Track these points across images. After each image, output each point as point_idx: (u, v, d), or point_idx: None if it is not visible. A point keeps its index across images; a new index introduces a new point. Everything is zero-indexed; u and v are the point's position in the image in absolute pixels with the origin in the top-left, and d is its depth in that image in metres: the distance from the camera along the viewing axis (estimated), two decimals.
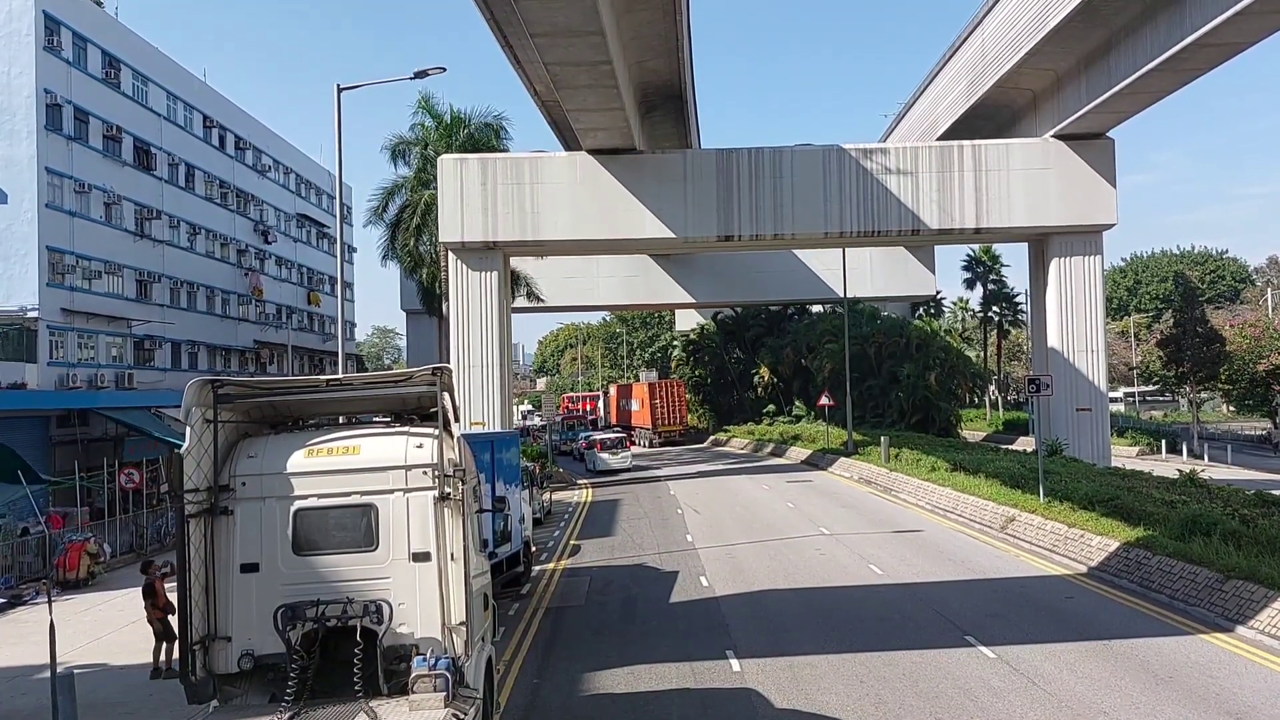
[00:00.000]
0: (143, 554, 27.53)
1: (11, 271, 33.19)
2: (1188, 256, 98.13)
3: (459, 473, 9.57)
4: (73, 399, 33.77)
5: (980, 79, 36.89)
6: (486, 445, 18.67)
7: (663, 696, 12.86)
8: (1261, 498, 21.29)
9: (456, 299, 36.73)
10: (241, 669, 9.46)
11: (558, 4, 23.23)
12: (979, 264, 67.18)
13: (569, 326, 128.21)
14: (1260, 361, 52.69)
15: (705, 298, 63.68)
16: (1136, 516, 20.65)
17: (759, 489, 36.47)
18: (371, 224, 44.79)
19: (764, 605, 17.80)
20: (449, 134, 41.42)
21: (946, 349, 56.60)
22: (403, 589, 9.50)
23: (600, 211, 36.35)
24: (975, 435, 56.34)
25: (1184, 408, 74.43)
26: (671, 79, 34.28)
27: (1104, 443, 37.17)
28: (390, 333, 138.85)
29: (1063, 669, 13.22)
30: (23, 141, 33.37)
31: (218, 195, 47.86)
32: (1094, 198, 36.32)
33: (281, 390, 10.67)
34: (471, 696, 9.37)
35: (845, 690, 12.69)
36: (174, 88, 43.84)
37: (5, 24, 33.31)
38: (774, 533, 25.94)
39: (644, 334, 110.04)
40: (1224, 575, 15.81)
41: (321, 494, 9.66)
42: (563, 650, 15.39)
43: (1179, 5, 27.17)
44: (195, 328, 45.01)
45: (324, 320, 61.20)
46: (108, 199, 37.67)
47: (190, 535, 9.33)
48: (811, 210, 36.43)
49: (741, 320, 69.23)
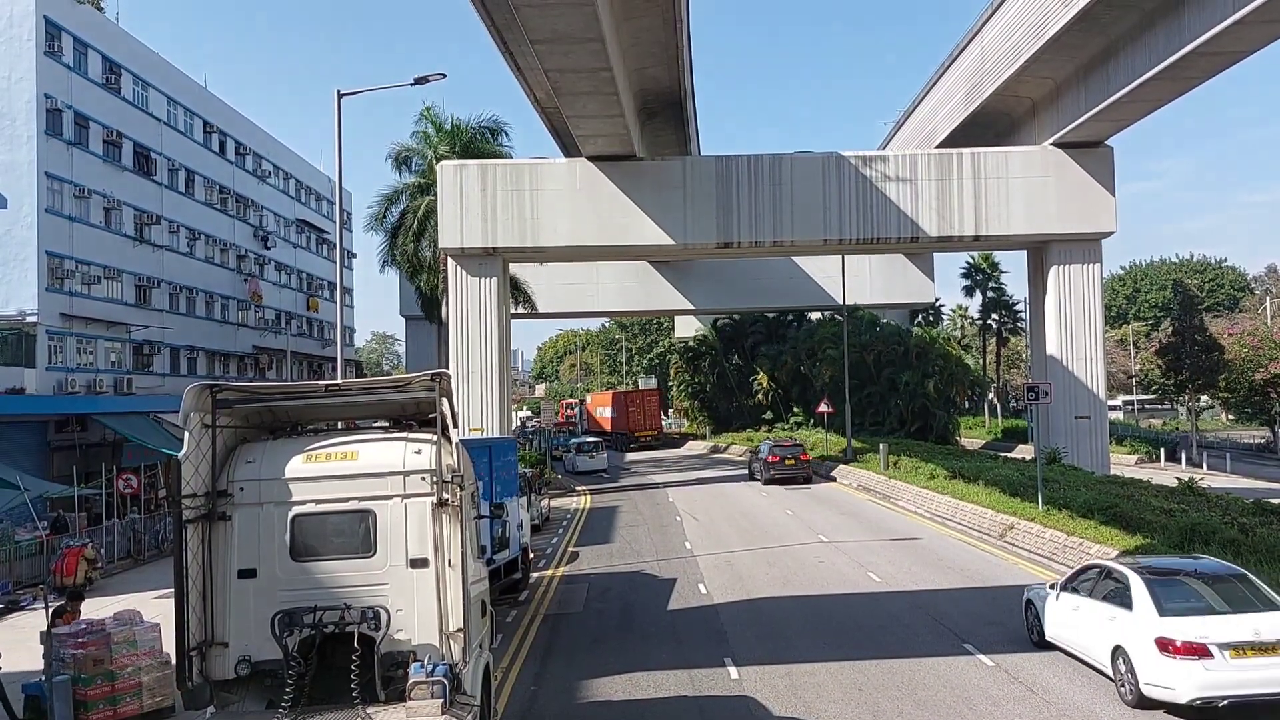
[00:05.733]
0: (140, 559, 27.52)
1: (11, 276, 33.21)
2: (1187, 265, 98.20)
3: (457, 479, 9.55)
4: (71, 404, 33.74)
5: (979, 87, 36.98)
6: (485, 451, 18.64)
7: (661, 704, 12.84)
8: (1260, 506, 21.31)
9: (456, 305, 36.74)
10: (238, 675, 9.45)
11: (557, 11, 23.28)
12: (978, 271, 67.23)
13: (568, 333, 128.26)
14: (1259, 370, 52.69)
15: (704, 304, 63.78)
16: (1135, 525, 20.65)
17: (757, 496, 36.43)
18: (371, 229, 44.87)
19: (762, 613, 17.78)
20: (451, 140, 41.48)
21: (945, 356, 56.62)
22: (400, 595, 9.49)
23: (600, 218, 36.39)
24: (974, 443, 56.30)
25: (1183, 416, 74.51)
26: (671, 86, 34.35)
27: (1103, 451, 37.16)
28: (390, 338, 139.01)
29: (1061, 678, 13.20)
30: (23, 146, 33.41)
31: (217, 200, 47.92)
32: (1093, 206, 36.37)
33: (280, 395, 10.66)
34: (469, 703, 9.36)
35: (843, 698, 12.67)
36: (174, 93, 43.93)
37: (6, 29, 33.37)
38: (772, 540, 25.91)
39: (643, 340, 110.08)
40: None
41: (319, 500, 9.65)
42: (560, 657, 15.36)
43: (1178, 14, 27.24)
44: (194, 333, 45.02)
45: (323, 326, 61.23)
46: (107, 204, 37.71)
47: (188, 541, 9.33)
48: (811, 217, 36.47)
49: (740, 327, 69.29)
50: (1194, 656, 11.04)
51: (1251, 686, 11.00)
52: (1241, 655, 11.02)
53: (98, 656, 12.36)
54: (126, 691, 12.47)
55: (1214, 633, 11.17)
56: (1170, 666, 11.19)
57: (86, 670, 12.27)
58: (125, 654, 12.55)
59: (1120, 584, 12.60)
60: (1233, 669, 11.00)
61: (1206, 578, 12.47)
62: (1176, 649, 11.16)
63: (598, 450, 52.31)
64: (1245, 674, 11.00)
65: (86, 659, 12.29)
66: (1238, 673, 10.99)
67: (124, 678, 12.47)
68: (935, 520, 28.32)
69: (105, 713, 12.28)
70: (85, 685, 12.21)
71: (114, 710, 12.37)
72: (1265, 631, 11.12)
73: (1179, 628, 11.33)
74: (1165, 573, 12.72)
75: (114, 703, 12.38)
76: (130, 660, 12.60)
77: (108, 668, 12.39)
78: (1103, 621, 12.62)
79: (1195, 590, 12.19)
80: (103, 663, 12.37)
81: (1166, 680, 11.27)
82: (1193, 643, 11.10)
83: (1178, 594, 12.07)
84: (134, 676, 12.59)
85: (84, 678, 12.22)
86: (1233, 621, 11.34)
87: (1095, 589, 13.23)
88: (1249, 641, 11.07)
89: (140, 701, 12.60)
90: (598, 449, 52.54)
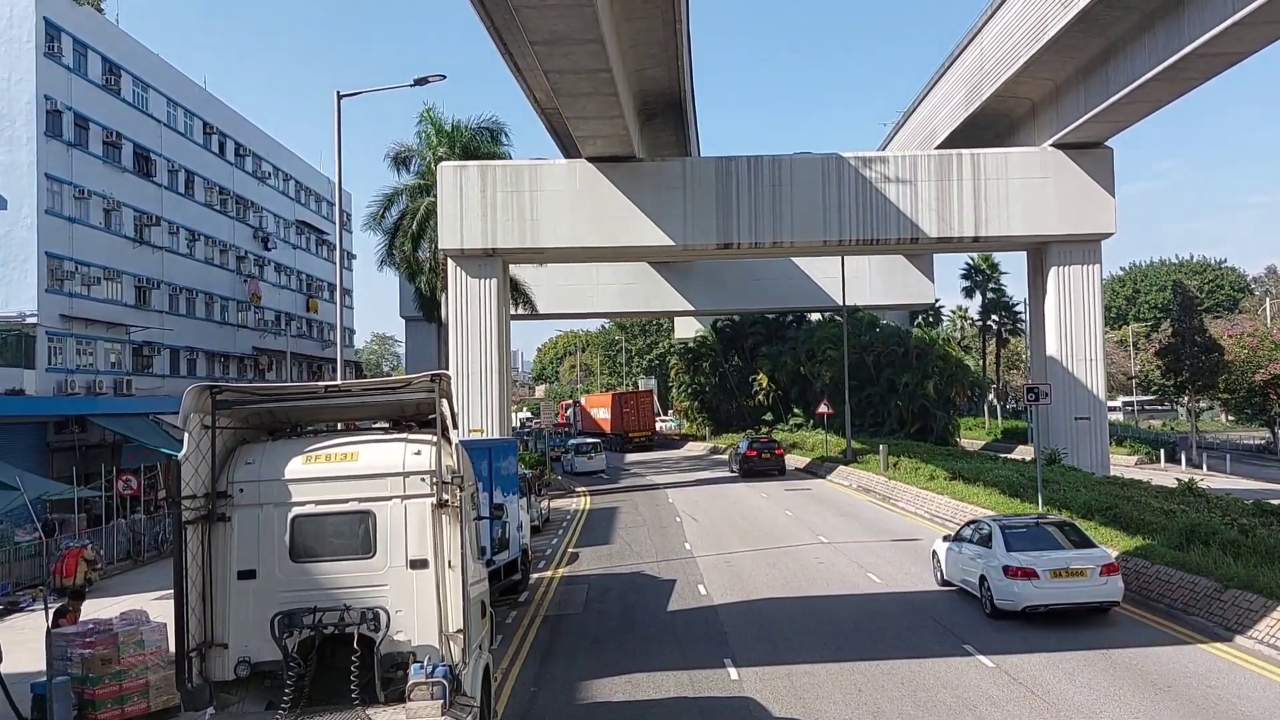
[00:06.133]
0: (140, 560, 27.51)
1: (10, 277, 33.19)
2: (1186, 266, 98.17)
3: (457, 480, 9.54)
4: (71, 405, 33.72)
5: (979, 88, 36.97)
6: (484, 453, 18.64)
7: (660, 705, 12.83)
8: (1260, 507, 21.30)
9: (455, 306, 36.73)
10: (238, 676, 9.44)
11: (557, 12, 23.27)
12: (978, 272, 67.23)
13: (568, 334, 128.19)
14: (1258, 371, 52.68)
15: (704, 305, 63.79)
16: (1135, 525, 20.63)
17: (758, 497, 36.43)
18: (369, 229, 44.84)
19: (762, 614, 17.78)
20: (451, 141, 41.48)
21: (945, 357, 56.61)
22: (400, 596, 9.48)
23: (600, 219, 36.38)
24: (974, 444, 56.30)
25: (1182, 417, 74.50)
26: (671, 87, 34.35)
27: (1102, 451, 37.13)
28: (389, 339, 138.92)
29: (1061, 678, 13.20)
30: (23, 147, 33.40)
31: (217, 202, 47.90)
32: (1093, 207, 36.36)
33: (280, 396, 10.66)
34: (469, 704, 9.35)
35: (843, 699, 12.67)
36: (174, 94, 43.92)
37: (6, 30, 33.36)
38: (772, 541, 25.91)
39: (643, 341, 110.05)
40: (1222, 585, 15.79)
41: (319, 501, 9.64)
42: (560, 658, 15.35)
43: (1177, 15, 27.23)
44: (194, 334, 45.01)
45: (323, 327, 61.22)
46: (107, 205, 37.70)
47: (188, 542, 9.32)
48: (810, 218, 36.46)
49: (740, 328, 69.30)
50: (1027, 579, 15.92)
51: (1063, 598, 15.96)
52: (1059, 578, 15.93)
53: (106, 656, 12.42)
54: (134, 691, 12.54)
55: (1041, 563, 15.99)
56: (1012, 586, 16.06)
57: (95, 670, 12.31)
58: (132, 653, 12.63)
59: (987, 533, 17.50)
60: (1051, 587, 15.89)
61: (1045, 526, 17.54)
62: (1016, 574, 16.00)
63: (596, 451, 52.37)
64: (1059, 590, 15.92)
65: (95, 658, 12.33)
66: (1054, 589, 15.90)
67: (131, 677, 12.55)
68: (935, 521, 28.27)
69: (113, 712, 12.33)
70: (94, 685, 12.26)
71: (121, 710, 12.43)
72: (1074, 563, 16.09)
73: (1019, 560, 16.16)
74: (1016, 525, 17.69)
75: (121, 702, 12.46)
76: (137, 660, 12.67)
77: (116, 667, 12.45)
78: (975, 559, 17.47)
79: (1034, 536, 17.01)
80: (111, 662, 12.43)
81: (1010, 595, 16.13)
82: (1026, 569, 15.96)
83: (1022, 538, 16.88)
84: (141, 676, 12.66)
85: (92, 677, 12.27)
86: (1055, 556, 16.23)
87: (972, 538, 18.09)
88: (1064, 569, 15.98)
89: (147, 701, 12.67)
90: (596, 450, 52.58)
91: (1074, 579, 15.88)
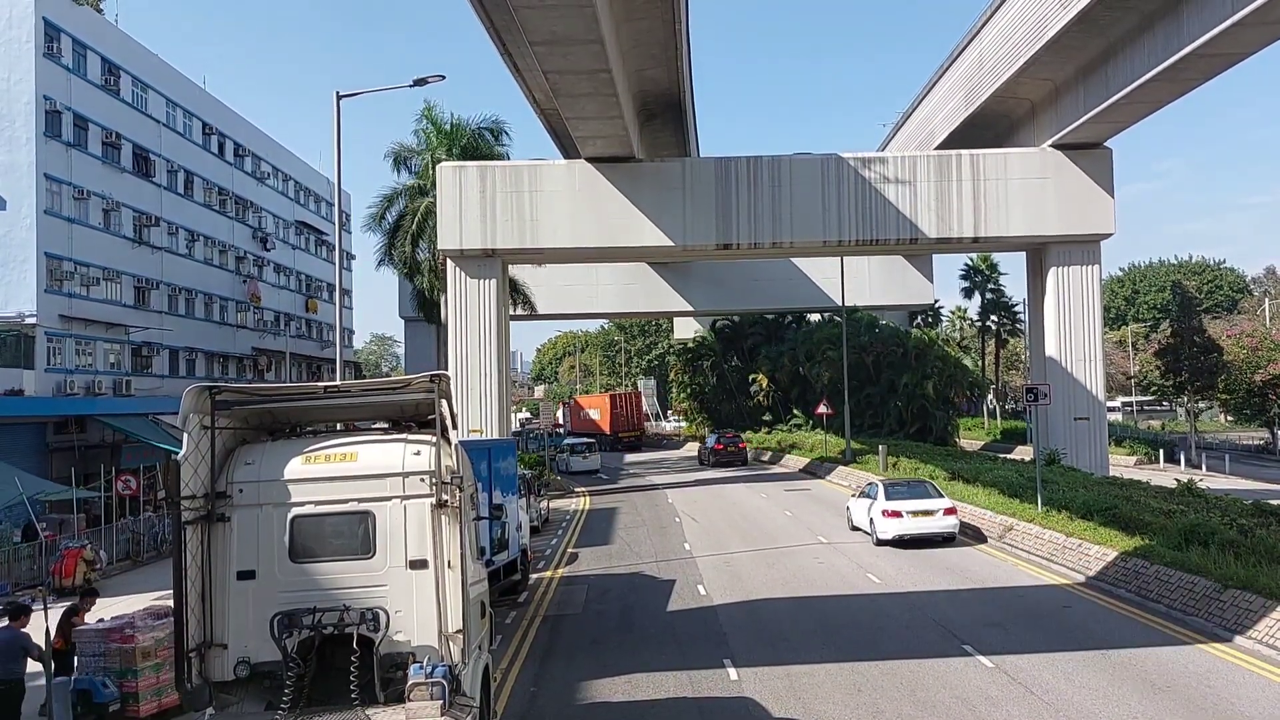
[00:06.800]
0: (139, 560, 27.50)
1: (10, 277, 33.20)
2: (1185, 266, 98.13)
3: (456, 480, 9.53)
4: (70, 405, 33.71)
5: (978, 89, 36.97)
6: (484, 453, 18.63)
7: (660, 705, 12.83)
8: (1259, 507, 21.29)
9: (455, 306, 36.72)
10: (237, 676, 9.43)
11: (557, 12, 23.28)
12: (977, 273, 67.21)
13: (567, 334, 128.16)
14: (1257, 371, 52.68)
15: (703, 306, 63.76)
16: (1134, 526, 20.63)
17: (757, 497, 36.43)
18: (369, 229, 44.81)
19: (762, 614, 17.78)
20: (451, 141, 41.47)
21: (944, 358, 56.61)
22: (400, 596, 9.48)
23: (599, 219, 36.38)
24: (973, 444, 56.29)
25: (1182, 417, 74.48)
26: (671, 87, 34.35)
27: (1102, 452, 37.15)
28: (389, 340, 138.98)
29: (1060, 678, 13.21)
30: (22, 148, 33.41)
31: (216, 202, 47.91)
32: (1092, 207, 36.37)
33: (279, 397, 10.65)
34: (468, 705, 9.34)
35: (842, 699, 12.67)
36: (173, 94, 43.92)
37: (5, 30, 33.37)
38: (772, 541, 25.92)
39: (642, 342, 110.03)
40: (1222, 585, 15.79)
41: (318, 501, 9.64)
42: (560, 658, 15.35)
43: (1176, 16, 27.24)
44: (193, 334, 45.01)
45: (322, 327, 61.23)
46: (106, 205, 37.71)
47: (187, 542, 9.31)
48: (810, 219, 36.48)
49: (739, 328, 69.25)
50: (896, 517, 23.56)
51: (919, 529, 23.48)
52: (917, 516, 23.55)
53: (146, 649, 12.74)
54: (167, 684, 12.75)
55: (905, 506, 23.67)
56: (887, 522, 23.68)
57: (135, 663, 12.62)
58: (165, 647, 12.81)
59: (874, 489, 25.32)
60: (912, 522, 23.46)
61: (913, 484, 25.85)
62: (889, 514, 23.66)
63: (590, 451, 53.23)
64: (917, 524, 23.48)
65: (135, 651, 12.64)
66: (913, 524, 23.46)
67: (166, 669, 12.75)
68: None
69: (150, 704, 12.72)
70: (135, 678, 12.58)
71: (158, 701, 12.81)
72: (928, 506, 23.81)
73: (892, 505, 23.75)
74: (895, 483, 25.83)
75: (159, 694, 12.82)
76: (167, 653, 12.85)
77: (155, 660, 12.79)
78: (868, 507, 24.91)
79: (905, 490, 24.82)
80: (150, 654, 12.77)
81: (885, 529, 23.75)
82: (896, 510, 23.63)
83: (896, 491, 24.63)
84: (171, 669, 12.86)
85: (133, 670, 12.59)
86: (916, 503, 23.88)
87: (866, 493, 25.90)
88: (920, 510, 23.68)
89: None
90: (590, 450, 53.43)
91: (926, 518, 23.55)
